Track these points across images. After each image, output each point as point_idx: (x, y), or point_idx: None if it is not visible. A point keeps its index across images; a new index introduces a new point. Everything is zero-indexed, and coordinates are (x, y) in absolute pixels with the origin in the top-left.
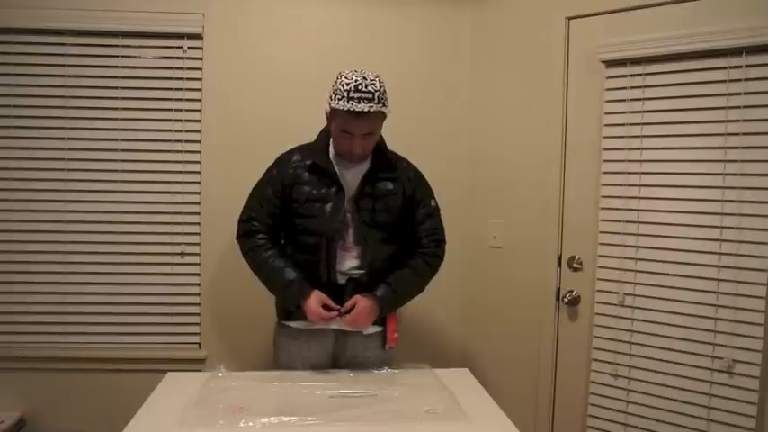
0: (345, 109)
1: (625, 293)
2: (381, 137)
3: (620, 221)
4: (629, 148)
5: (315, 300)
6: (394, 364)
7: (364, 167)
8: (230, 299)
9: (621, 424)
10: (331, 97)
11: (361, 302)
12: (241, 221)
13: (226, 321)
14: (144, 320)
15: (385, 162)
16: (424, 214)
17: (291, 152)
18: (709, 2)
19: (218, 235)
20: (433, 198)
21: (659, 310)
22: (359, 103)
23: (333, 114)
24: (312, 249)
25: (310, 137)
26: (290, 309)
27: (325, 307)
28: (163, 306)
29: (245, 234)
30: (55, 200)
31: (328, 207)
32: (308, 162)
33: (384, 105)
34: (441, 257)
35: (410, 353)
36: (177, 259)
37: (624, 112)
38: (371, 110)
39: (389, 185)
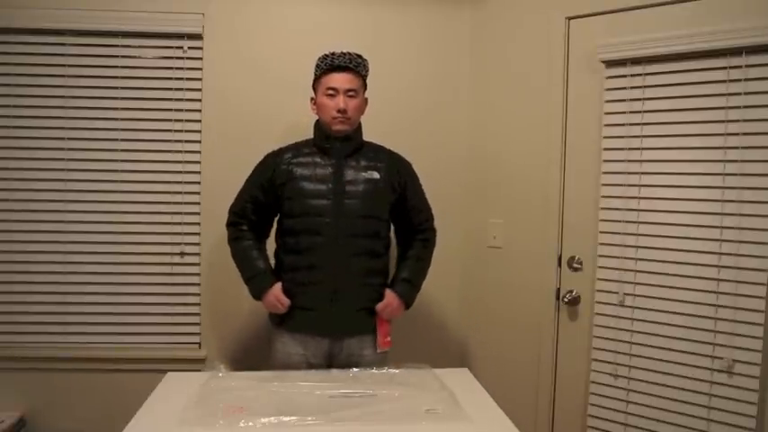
0: (326, 64)
1: (625, 293)
2: (361, 127)
3: (620, 221)
4: (629, 148)
5: (274, 291)
6: (391, 365)
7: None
8: (230, 299)
9: (621, 424)
10: (315, 75)
11: (394, 301)
12: (231, 211)
13: (226, 321)
14: (144, 320)
15: (368, 148)
16: (417, 199)
17: (281, 150)
18: (709, 2)
19: (218, 235)
20: (417, 178)
21: (659, 310)
22: (338, 58)
23: (317, 84)
24: (312, 241)
25: (310, 137)
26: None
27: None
28: (163, 306)
29: (231, 223)
30: (55, 200)
31: (326, 202)
32: (305, 150)
33: (362, 66)
34: (434, 233)
35: (410, 353)
36: (177, 259)
37: (624, 112)
38: (350, 64)
39: (375, 174)
